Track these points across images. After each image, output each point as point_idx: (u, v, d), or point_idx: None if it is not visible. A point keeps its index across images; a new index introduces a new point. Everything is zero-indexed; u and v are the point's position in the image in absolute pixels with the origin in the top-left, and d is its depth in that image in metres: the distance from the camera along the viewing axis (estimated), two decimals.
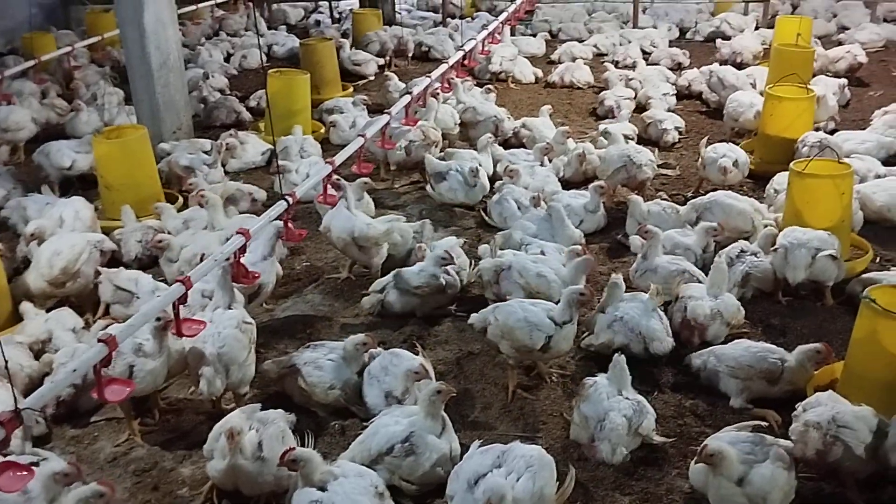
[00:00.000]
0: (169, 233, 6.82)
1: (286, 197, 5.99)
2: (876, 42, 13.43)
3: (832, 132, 9.12)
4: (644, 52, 13.18)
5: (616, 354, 4.81)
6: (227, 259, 5.25)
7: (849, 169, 6.53)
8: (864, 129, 9.20)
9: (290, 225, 6.01)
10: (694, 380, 5.30)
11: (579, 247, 6.29)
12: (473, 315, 5.40)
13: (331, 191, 6.63)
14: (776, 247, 6.08)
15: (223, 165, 8.76)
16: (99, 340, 4.25)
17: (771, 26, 14.18)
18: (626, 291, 5.70)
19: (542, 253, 6.32)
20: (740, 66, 11.74)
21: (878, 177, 7.65)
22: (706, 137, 8.18)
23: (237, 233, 5.42)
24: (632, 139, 9.04)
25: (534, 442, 4.53)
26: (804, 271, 5.91)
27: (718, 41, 12.97)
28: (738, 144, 8.56)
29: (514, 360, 5.28)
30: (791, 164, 6.69)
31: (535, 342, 5.06)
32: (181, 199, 8.00)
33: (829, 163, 6.66)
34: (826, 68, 11.63)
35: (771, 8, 14.90)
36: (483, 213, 7.67)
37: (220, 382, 4.82)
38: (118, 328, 4.45)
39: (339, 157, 6.90)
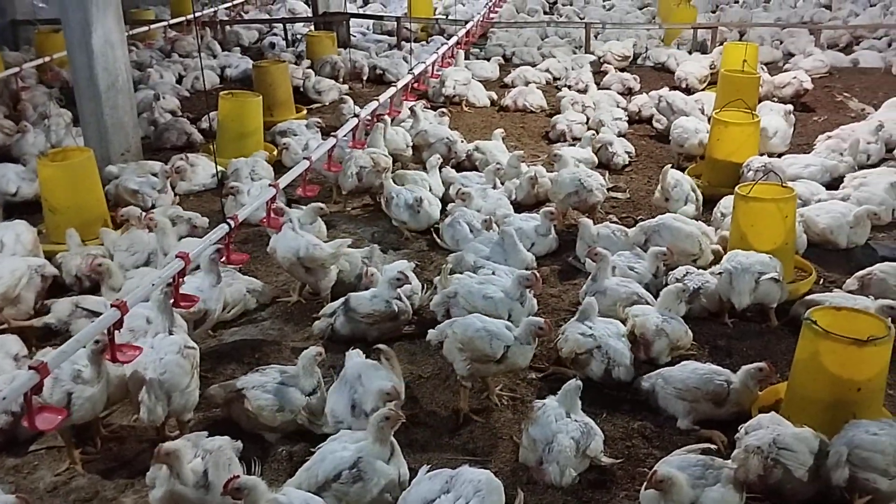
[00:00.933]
0: (111, 257, 6.70)
1: (228, 220, 5.92)
2: (820, 68, 13.79)
3: (780, 155, 9.34)
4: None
5: (573, 379, 4.84)
6: (166, 283, 5.16)
7: (792, 193, 6.68)
8: (808, 153, 9.42)
9: (231, 248, 5.94)
10: (642, 402, 5.33)
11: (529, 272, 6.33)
12: (430, 331, 5.41)
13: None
14: (720, 271, 6.17)
15: (173, 188, 8.65)
16: (30, 367, 4.14)
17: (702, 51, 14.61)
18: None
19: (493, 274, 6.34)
20: (688, 92, 11.97)
21: (821, 200, 7.83)
22: (669, 165, 8.29)
23: (177, 256, 5.34)
24: (590, 164, 9.12)
25: (483, 466, 4.51)
26: (749, 296, 6.01)
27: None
28: (685, 169, 8.69)
29: (468, 377, 5.26)
30: (736, 188, 6.81)
31: (495, 351, 5.09)
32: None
33: (773, 187, 6.80)
34: (772, 94, 11.92)
35: (719, 34, 15.23)
36: (435, 236, 7.67)
37: (162, 409, 4.72)
38: (50, 354, 4.34)
39: (284, 180, 6.86)
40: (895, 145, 9.80)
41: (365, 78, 13.84)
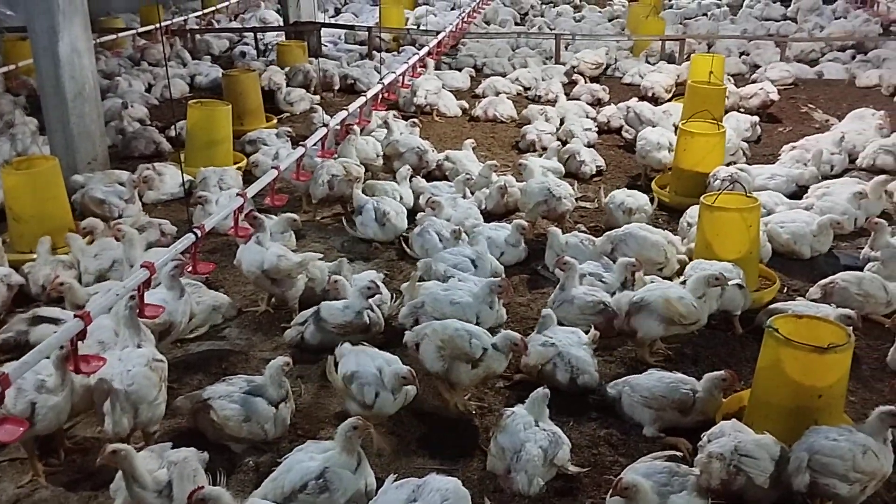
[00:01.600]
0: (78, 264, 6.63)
1: (195, 230, 5.89)
2: (786, 79, 14.02)
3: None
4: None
5: (541, 387, 4.86)
6: (131, 294, 5.11)
7: (756, 203, 6.78)
8: (773, 163, 9.57)
9: (196, 258, 5.90)
10: (608, 409, 5.37)
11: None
12: (407, 333, 5.48)
13: (244, 223, 6.56)
14: (685, 278, 6.25)
15: (140, 197, 8.59)
16: None
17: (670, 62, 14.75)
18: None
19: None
20: (655, 101, 12.11)
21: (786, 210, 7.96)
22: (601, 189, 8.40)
23: (142, 266, 5.30)
24: (558, 174, 9.18)
25: (450, 474, 4.50)
26: (715, 303, 6.08)
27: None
28: (652, 179, 8.77)
29: (442, 378, 5.32)
30: (701, 198, 6.90)
31: (475, 350, 5.15)
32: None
33: (737, 196, 6.90)
34: (738, 105, 12.09)
35: (687, 46, 15.43)
36: (405, 245, 7.68)
37: (128, 421, 4.67)
38: (11, 366, 4.28)
39: (252, 189, 6.84)
40: (857, 156, 9.97)
41: (336, 87, 13.84)
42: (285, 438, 5.04)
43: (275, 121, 11.88)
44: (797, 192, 8.75)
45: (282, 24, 17.11)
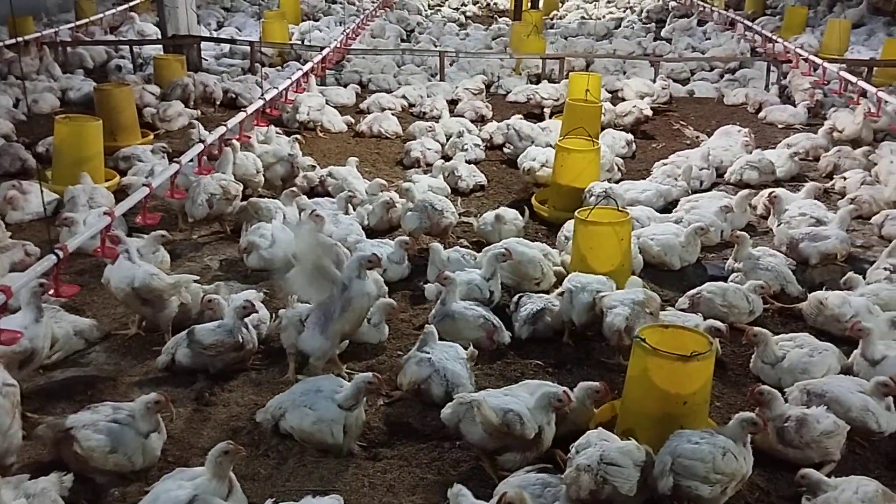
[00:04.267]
0: None
1: (56, 250, 5.62)
2: (660, 98, 14.54)
3: (618, 181, 9.80)
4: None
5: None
6: None
7: (627, 217, 7.02)
8: (646, 178, 9.93)
9: (59, 280, 5.64)
10: None
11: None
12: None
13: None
14: (562, 291, 6.39)
15: (3, 217, 8.15)
16: None
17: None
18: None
19: None
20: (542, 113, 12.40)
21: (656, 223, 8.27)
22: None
23: None
24: (444, 193, 9.22)
25: (327, 493, 4.44)
26: (586, 314, 6.24)
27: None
28: (532, 194, 8.95)
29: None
30: (576, 212, 7.09)
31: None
32: None
33: (611, 211, 7.12)
34: (614, 122, 12.50)
35: (567, 64, 15.84)
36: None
37: None
38: None
39: (121, 208, 6.60)
40: (725, 170, 10.47)
41: (217, 102, 13.54)
42: (155, 467, 4.85)
43: (151, 136, 11.51)
44: (666, 207, 9.10)
45: (160, 37, 16.61)
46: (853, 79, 12.62)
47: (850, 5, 22.97)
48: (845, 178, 9.94)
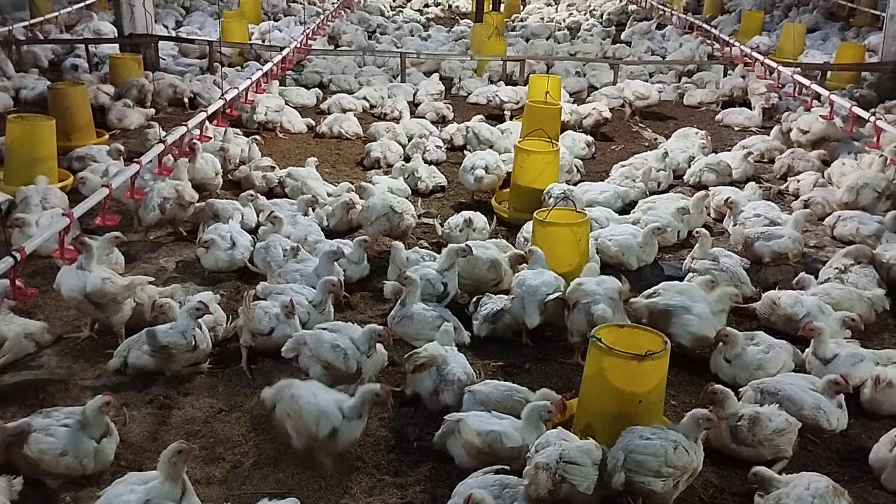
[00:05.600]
0: None
1: (13, 253, 5.51)
2: (619, 100, 14.66)
3: (577, 183, 9.87)
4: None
5: None
6: None
7: (585, 217, 7.07)
8: (605, 180, 10.01)
9: (18, 283, 5.52)
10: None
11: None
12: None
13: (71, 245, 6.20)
14: (512, 295, 6.43)
15: None
16: None
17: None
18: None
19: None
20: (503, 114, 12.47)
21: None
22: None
23: None
24: (404, 194, 9.20)
25: (284, 497, 4.40)
26: (538, 316, 6.27)
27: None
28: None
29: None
30: (535, 213, 7.12)
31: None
32: None
33: (569, 212, 7.17)
34: (575, 124, 12.56)
35: (527, 67, 15.91)
36: (248, 264, 7.48)
37: None
38: None
39: (80, 209, 6.48)
40: (682, 172, 10.60)
41: (174, 102, 13.36)
42: (108, 471, 4.78)
43: (106, 136, 11.33)
44: (624, 208, 9.18)
45: (116, 35, 16.35)
46: (807, 82, 12.85)
47: (805, 10, 23.40)
48: (799, 181, 10.12)
